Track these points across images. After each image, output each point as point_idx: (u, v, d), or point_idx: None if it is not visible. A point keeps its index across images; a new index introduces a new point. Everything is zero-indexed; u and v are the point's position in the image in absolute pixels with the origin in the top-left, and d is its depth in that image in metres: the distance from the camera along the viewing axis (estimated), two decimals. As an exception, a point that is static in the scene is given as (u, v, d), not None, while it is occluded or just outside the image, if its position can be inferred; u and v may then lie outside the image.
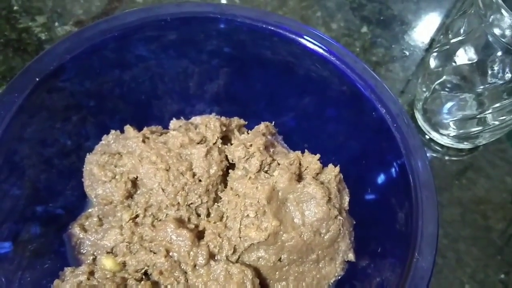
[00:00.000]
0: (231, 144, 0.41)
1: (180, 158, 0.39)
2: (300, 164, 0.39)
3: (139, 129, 0.44)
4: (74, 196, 0.43)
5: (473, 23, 0.46)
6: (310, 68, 0.45)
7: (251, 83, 0.50)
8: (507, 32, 0.42)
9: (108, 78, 0.45)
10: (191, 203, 0.38)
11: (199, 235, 0.38)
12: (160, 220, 0.39)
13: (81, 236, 0.40)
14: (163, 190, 0.38)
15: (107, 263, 0.36)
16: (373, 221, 0.43)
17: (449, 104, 0.55)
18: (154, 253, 0.36)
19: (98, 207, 0.40)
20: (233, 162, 0.40)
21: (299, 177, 0.39)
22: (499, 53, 0.45)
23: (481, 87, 0.50)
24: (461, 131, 0.57)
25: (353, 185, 0.43)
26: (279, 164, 0.39)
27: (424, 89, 0.58)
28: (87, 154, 0.42)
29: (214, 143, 0.40)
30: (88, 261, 0.38)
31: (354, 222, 0.42)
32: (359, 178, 0.45)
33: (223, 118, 0.44)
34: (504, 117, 0.51)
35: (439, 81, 0.55)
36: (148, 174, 0.38)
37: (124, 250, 0.37)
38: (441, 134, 0.59)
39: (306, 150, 0.41)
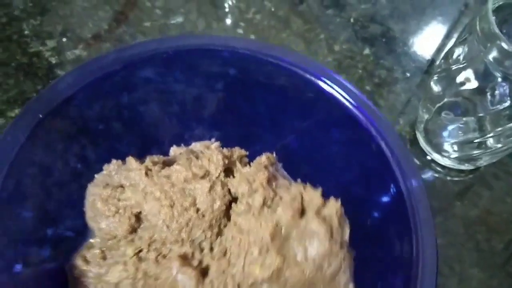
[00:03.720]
0: (233, 177, 0.41)
1: (184, 194, 0.39)
2: (302, 198, 0.40)
3: (139, 155, 0.45)
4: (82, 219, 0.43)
5: (473, 50, 0.46)
6: (309, 97, 0.46)
7: (251, 108, 0.50)
8: (505, 61, 0.43)
9: (108, 106, 0.45)
10: (195, 239, 0.39)
11: (203, 271, 0.38)
12: (164, 255, 0.39)
13: (84, 268, 0.40)
14: (167, 226, 0.38)
15: (111, 301, 0.36)
16: (372, 246, 0.43)
17: (450, 127, 0.56)
18: (159, 291, 0.36)
19: (101, 241, 0.41)
20: (235, 196, 0.41)
21: (302, 212, 0.39)
22: (499, 80, 0.45)
23: (482, 112, 0.50)
24: (462, 154, 0.57)
25: (352, 209, 0.44)
26: (281, 199, 0.39)
27: (425, 111, 0.58)
28: (88, 184, 0.43)
29: (217, 177, 0.41)
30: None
31: (354, 254, 0.42)
32: (357, 202, 0.45)
33: (225, 150, 0.44)
34: (505, 140, 0.52)
35: (439, 104, 0.55)
36: (153, 211, 0.38)
37: (129, 287, 0.37)
38: (442, 155, 0.59)
39: (308, 183, 0.41)
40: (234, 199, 0.41)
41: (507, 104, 0.46)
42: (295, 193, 0.39)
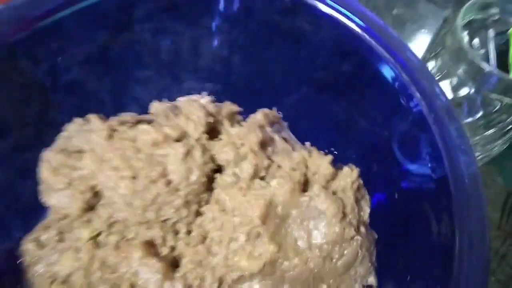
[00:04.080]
0: (219, 139, 0.32)
1: (151, 161, 0.30)
2: (306, 166, 0.30)
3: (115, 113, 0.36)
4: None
5: (445, 64, 0.46)
6: (326, 38, 0.35)
7: (253, 54, 0.41)
8: (476, 75, 0.42)
9: (77, 47, 0.36)
10: (166, 219, 0.30)
11: (175, 261, 0.29)
12: (127, 240, 0.30)
13: (36, 254, 0.32)
14: (128, 204, 0.29)
15: (59, 298, 0.28)
16: (400, 234, 0.34)
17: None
18: (118, 286, 0.28)
19: (52, 220, 0.32)
20: (221, 164, 0.31)
21: (305, 185, 0.30)
22: (472, 91, 0.44)
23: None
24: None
25: (373, 186, 0.34)
26: (279, 168, 0.30)
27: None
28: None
29: (197, 140, 0.31)
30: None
31: (376, 237, 0.33)
32: (380, 178, 0.36)
33: (211, 105, 0.34)
34: (482, 149, 0.50)
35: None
36: (109, 184, 0.29)
37: (81, 280, 0.29)
38: None
39: (315, 148, 0.32)
40: (220, 169, 0.32)
41: (480, 114, 0.46)
42: (296, 161, 0.30)
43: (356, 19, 0.33)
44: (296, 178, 0.29)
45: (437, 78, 0.49)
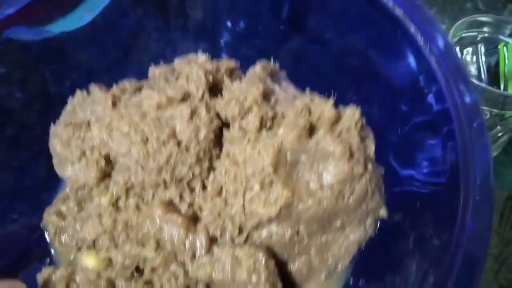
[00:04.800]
0: (222, 96, 0.33)
1: (159, 124, 0.31)
2: (310, 113, 0.31)
3: (113, 83, 0.36)
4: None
5: None
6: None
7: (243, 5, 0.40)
8: None
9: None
10: (181, 178, 0.31)
11: (195, 216, 0.31)
12: (146, 202, 0.31)
13: (60, 225, 0.34)
14: (142, 168, 0.30)
15: (89, 261, 0.30)
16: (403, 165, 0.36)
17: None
18: (143, 245, 0.29)
19: (70, 192, 0.33)
20: (226, 120, 0.32)
21: (311, 130, 0.31)
22: None
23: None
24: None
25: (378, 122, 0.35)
26: (283, 117, 0.31)
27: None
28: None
29: (200, 99, 0.32)
30: (70, 258, 0.32)
31: (383, 172, 0.34)
32: (385, 112, 0.37)
33: (209, 64, 0.35)
34: None
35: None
36: (122, 150, 0.30)
37: (107, 243, 0.31)
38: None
39: (316, 94, 0.33)
40: (225, 125, 0.33)
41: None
42: (300, 107, 0.31)
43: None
44: (301, 125, 0.29)
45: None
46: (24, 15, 0.34)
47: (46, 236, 0.36)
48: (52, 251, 0.36)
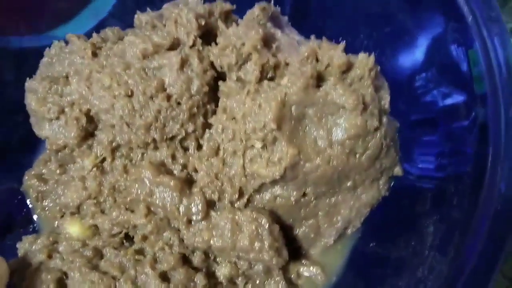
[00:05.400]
0: (216, 43, 0.29)
1: (146, 75, 0.27)
2: (317, 60, 0.27)
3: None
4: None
5: None
6: None
7: None
8: None
9: None
10: (173, 136, 0.28)
11: (189, 179, 0.27)
12: (135, 163, 0.28)
13: (41, 189, 0.31)
14: (128, 125, 0.27)
15: (73, 229, 0.27)
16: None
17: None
18: (133, 211, 0.26)
19: (49, 153, 0.30)
20: (222, 70, 0.28)
21: (319, 80, 0.27)
22: None
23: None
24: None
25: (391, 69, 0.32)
26: (287, 65, 0.27)
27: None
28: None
29: (192, 46, 0.28)
30: (54, 225, 0.29)
31: (398, 125, 0.31)
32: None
33: (200, 6, 0.30)
34: None
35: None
36: (104, 105, 0.27)
37: (92, 209, 0.28)
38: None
39: (323, 38, 0.29)
40: (221, 75, 0.29)
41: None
42: (305, 54, 0.27)
43: None
44: (308, 73, 0.26)
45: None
46: (27, 21, 0.34)
47: (28, 201, 0.33)
48: (35, 217, 0.33)
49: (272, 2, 0.33)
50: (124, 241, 0.27)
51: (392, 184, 0.31)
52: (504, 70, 0.26)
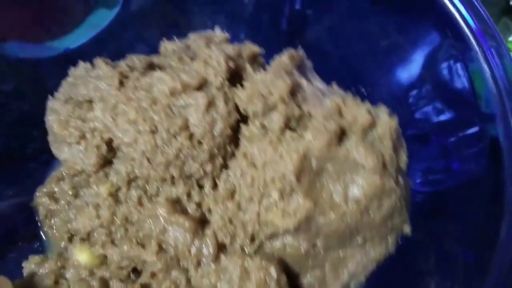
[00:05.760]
0: (242, 86, 0.29)
1: (171, 113, 0.27)
2: (341, 115, 0.28)
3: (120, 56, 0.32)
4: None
5: None
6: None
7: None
8: None
9: None
10: (190, 175, 0.28)
11: (203, 219, 0.28)
12: (150, 196, 0.28)
13: (51, 207, 0.31)
14: (148, 160, 0.27)
15: (81, 256, 0.27)
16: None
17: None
18: (144, 246, 0.27)
19: (66, 176, 0.30)
20: (245, 114, 0.29)
21: (341, 135, 0.27)
22: None
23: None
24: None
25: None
26: (310, 117, 0.28)
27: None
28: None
29: (219, 88, 0.28)
30: (61, 245, 0.29)
31: (411, 184, 0.31)
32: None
33: (230, 47, 0.31)
34: None
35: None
36: (127, 139, 0.27)
37: (103, 238, 0.28)
38: None
39: (349, 94, 0.29)
40: (244, 118, 0.29)
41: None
42: (330, 109, 0.27)
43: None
44: (332, 129, 0.26)
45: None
46: (26, 31, 0.34)
47: (36, 218, 0.33)
48: (42, 234, 0.33)
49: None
50: (131, 274, 0.27)
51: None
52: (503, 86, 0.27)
